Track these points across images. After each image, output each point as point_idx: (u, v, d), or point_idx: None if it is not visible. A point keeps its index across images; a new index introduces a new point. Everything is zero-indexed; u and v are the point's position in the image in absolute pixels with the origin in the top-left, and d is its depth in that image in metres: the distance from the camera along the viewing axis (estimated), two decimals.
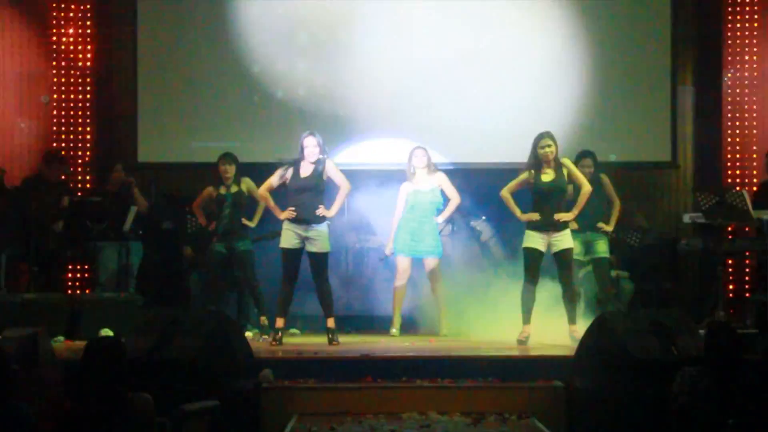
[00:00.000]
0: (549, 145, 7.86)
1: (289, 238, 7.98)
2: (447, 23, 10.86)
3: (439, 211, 8.85)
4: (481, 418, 6.29)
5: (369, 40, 10.82)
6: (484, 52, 10.84)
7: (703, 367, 5.00)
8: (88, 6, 10.74)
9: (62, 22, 10.61)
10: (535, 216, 7.87)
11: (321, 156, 7.97)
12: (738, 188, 8.74)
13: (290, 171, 7.99)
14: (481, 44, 10.83)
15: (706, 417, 4.81)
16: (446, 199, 8.78)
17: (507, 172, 8.35)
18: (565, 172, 7.92)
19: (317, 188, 7.99)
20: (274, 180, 8.10)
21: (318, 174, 7.96)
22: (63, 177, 9.75)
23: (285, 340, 8.09)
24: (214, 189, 8.82)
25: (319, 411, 6.44)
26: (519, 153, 8.27)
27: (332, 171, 8.05)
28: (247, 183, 8.79)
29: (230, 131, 10.68)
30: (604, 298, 8.50)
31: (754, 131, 10.57)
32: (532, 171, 7.90)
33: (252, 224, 8.79)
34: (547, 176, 7.89)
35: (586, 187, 8.01)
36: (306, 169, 7.98)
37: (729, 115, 10.65)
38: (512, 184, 8.05)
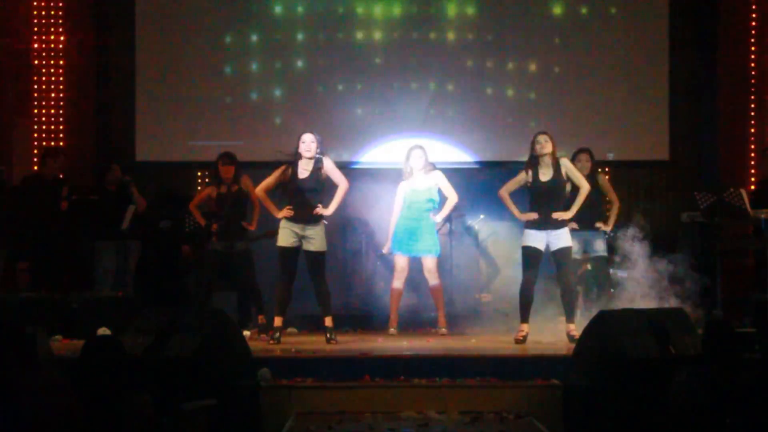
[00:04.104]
0: (546, 141, 7.87)
1: (286, 236, 7.98)
2: (446, 22, 10.88)
3: (437, 210, 8.84)
4: (479, 417, 6.29)
5: (368, 39, 10.84)
6: (483, 50, 10.85)
7: (701, 366, 5.00)
8: (87, 5, 10.74)
9: (61, 21, 10.60)
10: (533, 215, 7.88)
11: (318, 154, 7.96)
12: (736, 187, 8.73)
13: (288, 172, 7.98)
14: (481, 43, 10.85)
15: (703, 416, 4.81)
16: (443, 198, 8.77)
17: (505, 171, 8.36)
18: (563, 171, 7.93)
19: (316, 188, 7.99)
20: (271, 180, 8.09)
21: (317, 174, 7.96)
22: (61, 176, 9.74)
23: (283, 339, 8.09)
24: (215, 188, 8.81)
25: (317, 410, 6.44)
26: (518, 151, 8.29)
27: (330, 169, 8.04)
28: (245, 182, 8.79)
29: (228, 130, 10.69)
30: (602, 297, 8.50)
31: (752, 130, 10.59)
32: (530, 170, 7.91)
33: (251, 227, 8.78)
34: (545, 175, 7.90)
35: (585, 187, 8.01)
36: (304, 170, 7.97)
37: (727, 114, 10.66)
38: (510, 183, 8.05)
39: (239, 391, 6.21)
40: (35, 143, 10.51)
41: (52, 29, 10.60)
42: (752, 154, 10.49)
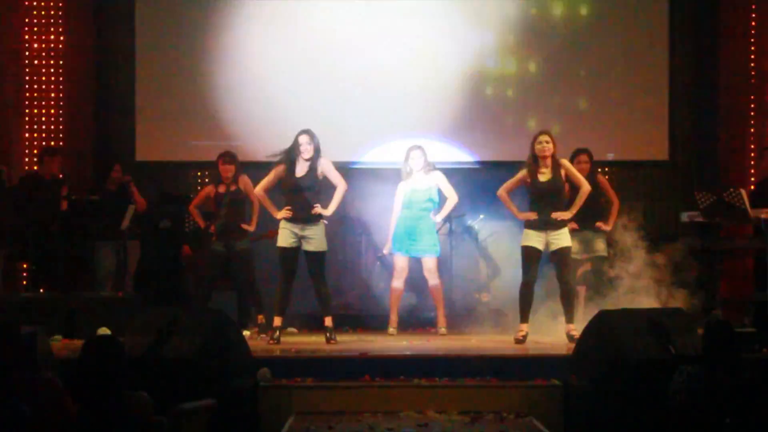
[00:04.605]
0: (547, 141, 7.87)
1: (286, 237, 7.98)
2: (446, 21, 10.88)
3: (437, 210, 8.84)
4: (479, 417, 6.30)
5: (367, 39, 10.84)
6: (482, 50, 10.85)
7: (701, 365, 5.00)
8: (86, 5, 10.74)
9: (60, 21, 10.59)
10: (532, 215, 7.88)
11: (315, 154, 7.95)
12: (736, 187, 8.71)
13: (285, 170, 7.98)
14: (481, 43, 10.85)
15: (703, 416, 4.81)
16: (442, 199, 8.77)
17: (505, 171, 8.36)
18: (562, 172, 7.93)
19: (313, 187, 7.98)
20: (270, 179, 8.09)
21: (313, 173, 7.96)
22: (61, 176, 9.73)
23: (283, 338, 8.09)
24: (213, 188, 8.83)
25: (316, 410, 6.45)
26: (518, 151, 8.29)
27: (329, 170, 8.03)
28: (244, 181, 8.80)
29: (228, 130, 10.69)
30: (602, 297, 8.50)
31: (752, 130, 10.58)
32: (529, 169, 7.91)
33: (250, 228, 8.78)
34: (544, 176, 7.90)
35: (585, 187, 8.02)
36: (301, 168, 7.97)
37: (727, 114, 10.66)
38: (508, 183, 8.06)
39: (239, 391, 6.21)
40: (35, 143, 10.50)
41: (52, 29, 10.58)
42: (752, 154, 10.49)
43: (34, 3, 10.57)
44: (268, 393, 6.51)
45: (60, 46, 10.58)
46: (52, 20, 10.59)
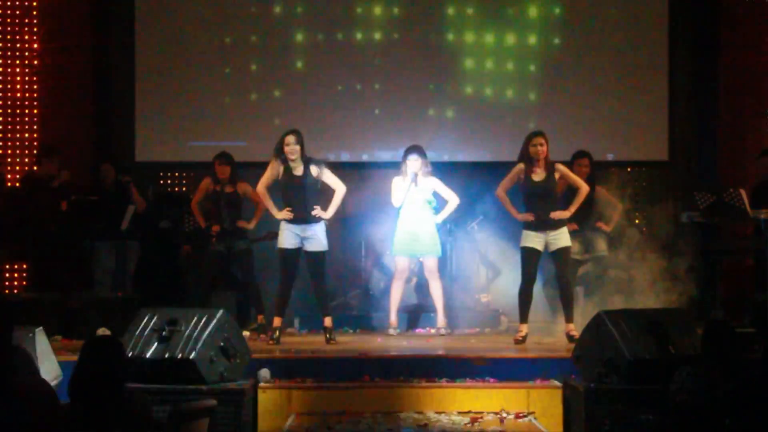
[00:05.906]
0: (541, 144, 7.86)
1: (287, 238, 7.98)
2: (445, 20, 10.88)
3: (437, 210, 8.84)
4: (479, 417, 6.30)
5: (368, 39, 10.84)
6: (482, 50, 10.85)
7: (701, 365, 5.00)
8: (86, 5, 10.73)
9: (60, 22, 10.58)
10: (531, 216, 7.88)
11: (303, 154, 7.93)
12: (735, 187, 8.71)
13: (282, 168, 7.97)
14: (480, 42, 10.85)
15: (703, 416, 4.81)
16: (442, 201, 8.77)
17: (505, 171, 8.35)
18: (557, 175, 7.92)
19: (312, 187, 7.97)
20: (268, 176, 8.08)
21: (311, 173, 7.95)
22: (60, 176, 9.73)
23: (282, 339, 8.09)
24: (212, 182, 8.80)
25: (316, 410, 6.45)
26: (517, 152, 8.27)
27: (326, 175, 8.03)
28: (243, 186, 8.79)
29: (228, 130, 10.68)
30: (602, 297, 8.50)
31: (751, 130, 10.57)
32: (523, 166, 7.90)
33: (249, 227, 8.77)
34: (538, 176, 7.90)
35: (584, 188, 8.02)
36: (298, 168, 7.96)
37: (726, 114, 10.65)
38: (505, 181, 8.05)
39: (239, 391, 6.21)
40: (35, 143, 10.49)
41: (51, 29, 10.57)
42: (751, 155, 10.47)
43: (34, 3, 10.57)
44: (268, 393, 6.51)
45: (60, 46, 10.57)
46: (51, 20, 10.58)
